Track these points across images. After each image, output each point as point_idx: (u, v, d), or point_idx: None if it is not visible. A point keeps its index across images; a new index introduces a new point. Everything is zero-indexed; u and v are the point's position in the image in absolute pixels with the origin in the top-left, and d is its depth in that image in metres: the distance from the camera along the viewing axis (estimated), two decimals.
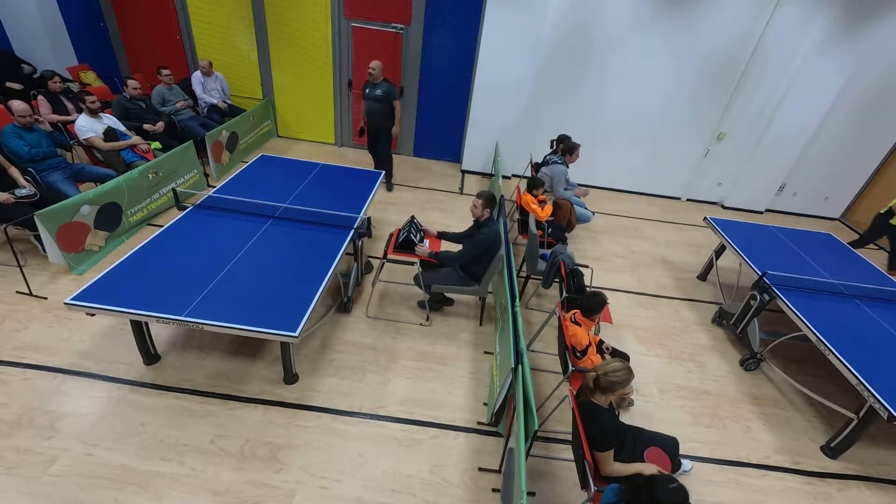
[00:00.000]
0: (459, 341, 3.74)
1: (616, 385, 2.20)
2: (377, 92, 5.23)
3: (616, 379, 2.19)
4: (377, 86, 5.23)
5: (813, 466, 3.12)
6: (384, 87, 5.24)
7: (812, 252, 4.59)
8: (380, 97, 5.26)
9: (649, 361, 3.83)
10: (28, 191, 3.82)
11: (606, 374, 2.20)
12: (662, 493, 1.79)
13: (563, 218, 4.94)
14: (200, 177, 5.48)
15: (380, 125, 5.51)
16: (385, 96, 5.26)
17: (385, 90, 5.25)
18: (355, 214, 3.80)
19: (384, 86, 5.24)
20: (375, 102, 5.32)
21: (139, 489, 2.39)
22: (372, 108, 5.38)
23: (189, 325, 2.56)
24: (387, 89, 5.25)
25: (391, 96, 5.29)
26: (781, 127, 6.51)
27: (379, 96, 5.25)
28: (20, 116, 3.98)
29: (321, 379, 3.20)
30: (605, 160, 6.97)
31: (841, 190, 7.39)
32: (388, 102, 5.32)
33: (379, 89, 5.23)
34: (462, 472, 2.72)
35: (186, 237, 3.31)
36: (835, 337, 3.23)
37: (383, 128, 5.55)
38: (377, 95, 5.24)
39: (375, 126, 5.55)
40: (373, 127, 5.57)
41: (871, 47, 5.93)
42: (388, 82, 5.27)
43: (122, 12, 6.67)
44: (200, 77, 6.21)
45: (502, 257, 3.48)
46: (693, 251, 5.79)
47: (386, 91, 5.25)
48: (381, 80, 5.21)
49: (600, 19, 6.01)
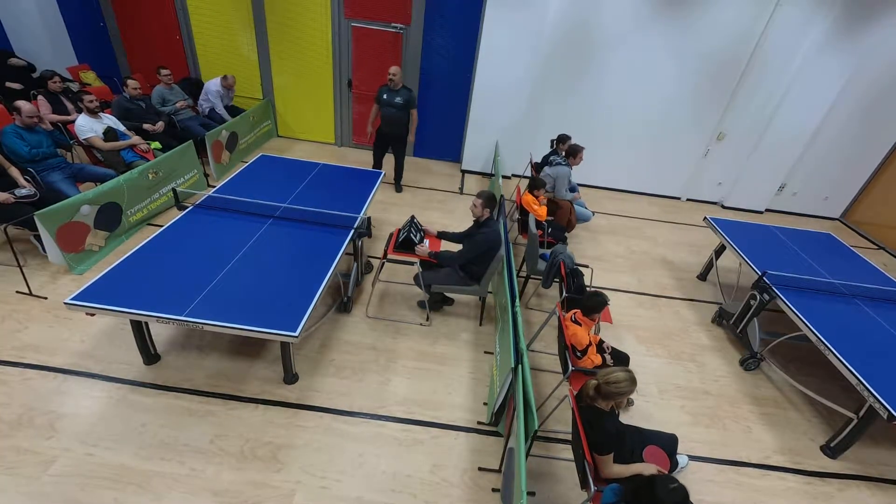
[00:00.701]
0: (459, 341, 3.74)
1: (618, 396, 2.18)
2: (397, 99, 5.09)
3: (618, 390, 2.16)
4: (397, 93, 5.09)
5: (813, 466, 3.12)
6: (404, 94, 5.12)
7: (812, 252, 4.59)
8: (400, 105, 5.12)
9: (649, 361, 3.83)
10: (28, 191, 3.82)
11: (609, 384, 2.17)
12: (663, 493, 1.79)
13: (563, 218, 4.94)
14: (200, 177, 5.48)
15: (398, 132, 5.38)
16: (405, 104, 5.14)
17: (405, 98, 5.12)
18: (355, 214, 3.80)
19: (404, 93, 5.11)
20: (396, 110, 5.19)
21: (139, 489, 2.39)
22: (391, 116, 5.23)
23: (189, 325, 2.56)
24: (407, 97, 5.13)
25: (410, 104, 5.16)
26: (781, 127, 6.51)
27: (399, 104, 5.11)
28: (28, 117, 3.99)
29: (321, 379, 3.20)
30: (605, 160, 6.96)
31: (841, 190, 7.39)
32: (407, 110, 5.19)
33: (399, 97, 5.10)
34: (462, 471, 2.72)
35: (186, 237, 3.31)
36: (835, 337, 3.23)
37: (401, 135, 5.43)
38: (397, 103, 5.11)
39: (394, 133, 5.42)
40: (390, 133, 5.43)
41: (871, 47, 5.94)
42: (407, 89, 5.15)
43: (122, 12, 6.68)
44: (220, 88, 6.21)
45: (502, 257, 3.48)
46: (693, 251, 5.79)
47: (406, 99, 5.13)
48: (401, 86, 5.08)
49: (600, 19, 6.01)
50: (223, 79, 6.22)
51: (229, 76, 6.27)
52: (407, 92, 5.14)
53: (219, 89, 6.20)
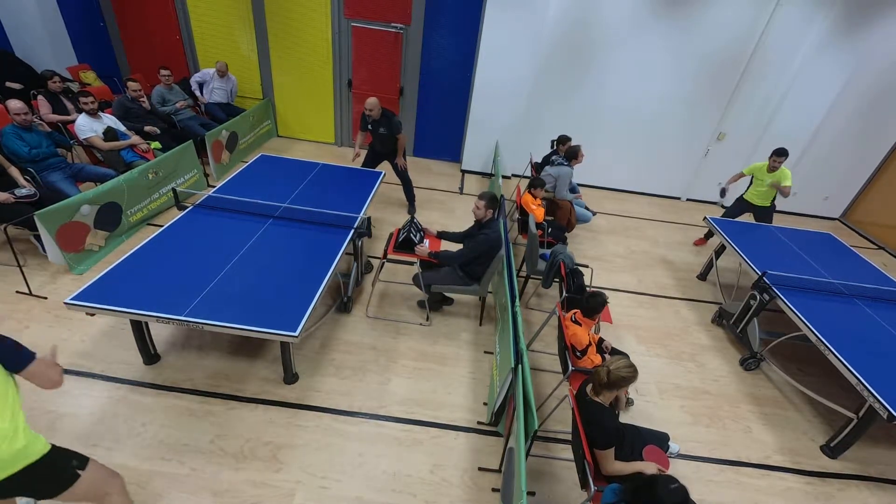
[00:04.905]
0: (459, 341, 3.74)
1: (624, 381, 2.23)
2: (381, 130, 5.01)
3: (625, 374, 2.21)
4: (378, 123, 4.98)
5: (813, 466, 3.12)
6: (385, 123, 4.98)
7: (812, 252, 4.59)
8: (385, 135, 5.04)
9: (649, 361, 3.83)
10: (28, 191, 3.81)
11: (618, 370, 2.22)
12: (663, 493, 1.79)
13: (563, 218, 4.95)
14: (200, 177, 5.48)
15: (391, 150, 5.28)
16: (389, 133, 5.04)
17: (387, 127, 5.00)
18: (355, 214, 3.80)
19: (384, 122, 4.98)
20: (382, 139, 5.11)
21: (139, 489, 2.39)
22: (380, 139, 5.14)
23: (189, 325, 2.56)
24: (388, 125, 5.00)
25: (395, 131, 5.04)
26: (781, 127, 6.51)
27: (384, 134, 5.04)
28: (15, 115, 3.96)
29: (321, 379, 3.20)
30: (606, 160, 6.96)
31: (841, 190, 7.39)
32: (394, 136, 5.09)
33: (382, 127, 4.99)
34: (462, 471, 2.72)
35: (186, 237, 3.31)
36: (835, 337, 3.23)
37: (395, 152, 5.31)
38: (382, 134, 5.03)
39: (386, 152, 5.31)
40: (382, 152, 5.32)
41: (871, 47, 5.94)
42: (387, 117, 4.99)
43: (122, 12, 6.68)
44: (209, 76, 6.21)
45: (503, 257, 3.48)
46: (693, 251, 5.80)
47: (388, 128, 5.01)
48: (380, 116, 4.94)
49: (600, 19, 6.02)
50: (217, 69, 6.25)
51: (219, 62, 6.27)
52: (387, 120, 4.99)
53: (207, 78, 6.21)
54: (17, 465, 1.67)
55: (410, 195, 5.64)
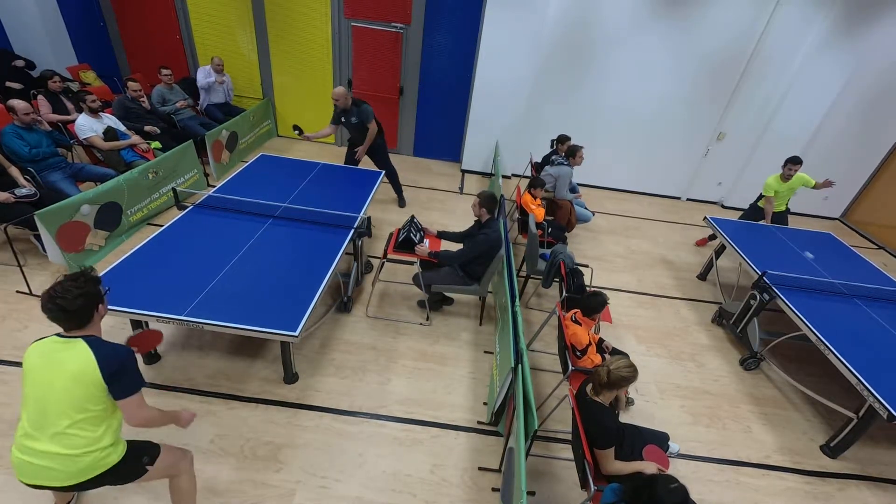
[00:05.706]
0: (459, 341, 3.74)
1: (624, 381, 2.22)
2: (353, 120, 4.94)
3: (625, 374, 2.21)
4: (349, 112, 4.91)
5: (813, 466, 3.12)
6: (355, 112, 4.91)
7: (812, 252, 4.59)
8: (356, 125, 4.98)
9: (649, 361, 3.83)
10: (28, 190, 3.82)
11: (618, 370, 2.22)
12: (663, 493, 1.79)
13: (563, 218, 4.95)
14: (200, 176, 5.48)
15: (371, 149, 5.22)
16: (360, 122, 4.96)
17: (357, 116, 4.92)
18: (355, 214, 3.80)
19: (355, 111, 4.91)
20: (354, 129, 5.07)
21: (139, 489, 2.39)
22: (353, 131, 5.11)
23: (189, 325, 2.56)
24: (357, 114, 4.92)
25: (365, 120, 4.95)
26: (781, 127, 6.51)
27: (356, 124, 4.97)
28: (24, 115, 3.97)
29: (321, 379, 3.20)
30: (606, 160, 6.96)
31: (841, 190, 7.38)
32: (365, 126, 5.00)
33: (353, 117, 4.93)
34: (462, 471, 2.72)
35: (186, 237, 3.31)
36: (835, 337, 3.23)
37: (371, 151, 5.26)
38: (354, 123, 4.98)
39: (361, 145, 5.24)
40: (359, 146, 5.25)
41: (871, 47, 5.94)
42: (357, 106, 4.90)
43: (122, 12, 6.68)
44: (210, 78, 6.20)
45: (503, 257, 3.48)
46: (693, 251, 5.80)
47: (359, 117, 4.93)
48: (350, 106, 4.87)
49: (600, 19, 6.02)
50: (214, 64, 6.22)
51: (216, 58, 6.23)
52: (356, 109, 4.90)
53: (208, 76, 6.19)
54: (96, 471, 1.77)
55: (397, 187, 5.72)
